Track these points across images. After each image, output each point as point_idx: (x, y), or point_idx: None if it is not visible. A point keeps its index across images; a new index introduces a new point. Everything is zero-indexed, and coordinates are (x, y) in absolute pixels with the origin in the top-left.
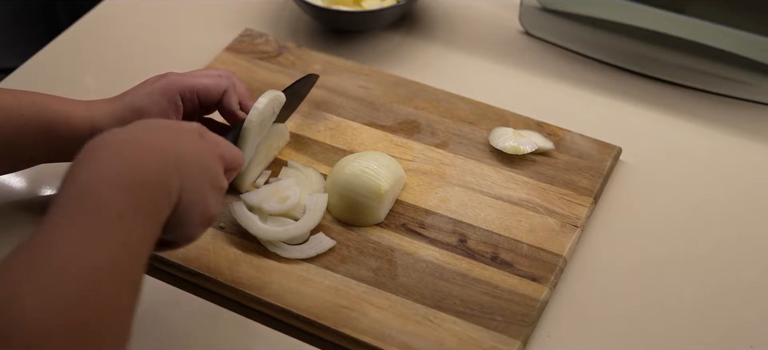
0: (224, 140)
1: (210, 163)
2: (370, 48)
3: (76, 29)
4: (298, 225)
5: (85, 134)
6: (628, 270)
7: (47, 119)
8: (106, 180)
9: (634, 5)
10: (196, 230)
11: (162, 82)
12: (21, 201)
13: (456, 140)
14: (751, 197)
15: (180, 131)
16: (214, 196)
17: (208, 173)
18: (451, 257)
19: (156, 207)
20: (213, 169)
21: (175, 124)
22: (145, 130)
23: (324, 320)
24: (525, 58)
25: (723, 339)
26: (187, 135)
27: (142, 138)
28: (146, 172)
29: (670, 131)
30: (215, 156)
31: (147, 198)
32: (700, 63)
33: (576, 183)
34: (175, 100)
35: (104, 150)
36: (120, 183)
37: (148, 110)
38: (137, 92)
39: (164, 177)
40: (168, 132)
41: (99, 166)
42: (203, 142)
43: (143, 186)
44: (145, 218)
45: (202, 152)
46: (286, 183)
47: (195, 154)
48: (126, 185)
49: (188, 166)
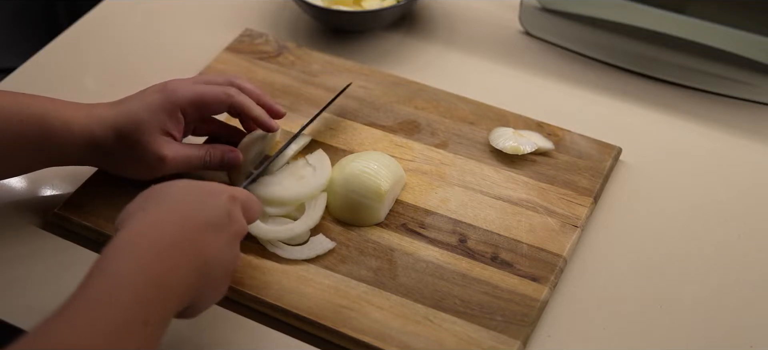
0: (250, 198)
1: (230, 255)
2: (370, 48)
3: (76, 29)
4: (298, 223)
5: (84, 143)
6: (628, 270)
7: (47, 127)
8: (137, 285)
9: (634, 5)
10: (202, 311)
11: (162, 96)
12: (20, 203)
13: (456, 140)
14: (751, 197)
15: (211, 217)
16: (227, 282)
17: (227, 267)
18: (451, 257)
19: (173, 310)
20: (231, 260)
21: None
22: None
23: (324, 320)
24: (525, 58)
25: (723, 339)
26: (218, 220)
27: (177, 235)
28: (174, 281)
29: (670, 131)
30: (237, 239)
31: (170, 305)
32: (700, 63)
33: (576, 183)
34: (176, 115)
35: (143, 243)
36: (148, 291)
37: (147, 122)
38: (138, 103)
39: (188, 285)
40: (200, 219)
41: (129, 269)
42: (230, 227)
43: (169, 295)
44: (164, 322)
45: (227, 245)
46: (300, 164)
47: (219, 252)
48: (155, 294)
49: (211, 269)
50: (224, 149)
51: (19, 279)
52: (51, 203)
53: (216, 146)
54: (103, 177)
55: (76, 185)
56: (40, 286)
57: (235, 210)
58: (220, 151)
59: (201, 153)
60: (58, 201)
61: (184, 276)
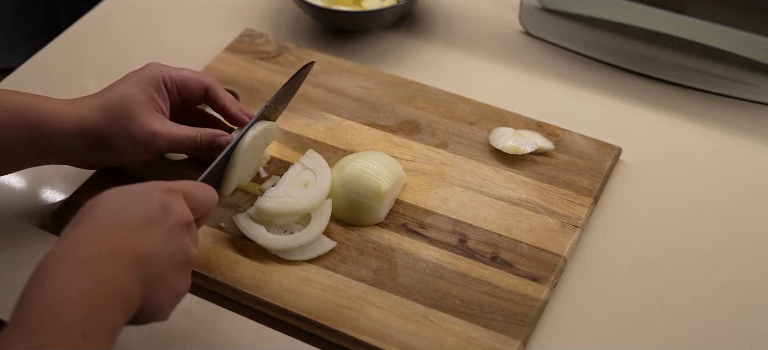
0: (195, 186)
1: (175, 246)
2: (370, 48)
3: (76, 29)
4: (305, 233)
5: (73, 129)
6: (628, 270)
7: (33, 117)
8: (72, 300)
9: (634, 5)
10: (168, 312)
11: (146, 70)
12: (20, 203)
13: (456, 140)
14: (751, 197)
15: (144, 215)
16: (182, 276)
17: (174, 259)
18: (451, 257)
19: (118, 318)
20: (179, 251)
21: (138, 202)
22: (108, 230)
23: (324, 320)
24: (525, 58)
25: (723, 339)
26: (152, 215)
27: (103, 245)
28: (112, 288)
29: (670, 131)
30: (182, 229)
31: (111, 314)
32: (700, 63)
33: (576, 183)
34: (161, 88)
35: (64, 264)
36: (84, 303)
37: (137, 97)
38: (123, 83)
39: (127, 288)
40: (131, 221)
41: (60, 285)
42: (167, 219)
43: (108, 304)
44: (108, 331)
45: (166, 237)
46: (297, 169)
47: (158, 246)
48: (90, 305)
49: (152, 265)
50: (216, 132)
51: (18, 279)
52: (51, 203)
53: (207, 129)
54: (103, 178)
55: (76, 185)
56: None
57: (172, 201)
58: (211, 134)
59: (192, 133)
60: (58, 201)
61: (121, 279)
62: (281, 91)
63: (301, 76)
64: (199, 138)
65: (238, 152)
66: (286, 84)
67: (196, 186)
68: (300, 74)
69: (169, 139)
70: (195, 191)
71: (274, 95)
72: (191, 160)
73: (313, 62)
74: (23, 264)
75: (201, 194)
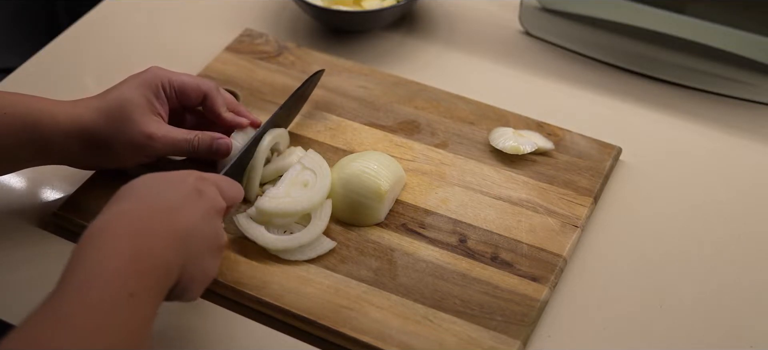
0: (224, 179)
1: (210, 229)
2: (370, 48)
3: (76, 29)
4: (305, 233)
5: (71, 131)
6: (628, 270)
7: (32, 118)
8: (117, 261)
9: (634, 5)
10: (196, 293)
11: (146, 74)
12: (20, 203)
13: (456, 140)
14: (751, 197)
15: (179, 199)
16: (214, 259)
17: (208, 241)
18: (451, 257)
19: (161, 285)
20: (213, 234)
21: (173, 187)
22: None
23: (324, 320)
24: (525, 58)
25: (723, 339)
26: (187, 199)
27: (146, 223)
28: (152, 257)
29: (670, 131)
30: (215, 214)
31: (154, 279)
32: (700, 63)
33: (576, 183)
34: (160, 93)
35: (110, 231)
36: (130, 264)
37: (135, 100)
38: (122, 86)
39: (168, 259)
40: (167, 203)
41: (108, 250)
42: (202, 202)
43: (150, 270)
44: (152, 296)
45: (202, 218)
46: (297, 169)
47: (195, 224)
48: (135, 268)
49: (189, 241)
50: (214, 135)
51: (19, 279)
52: (51, 203)
53: (205, 132)
54: (103, 178)
55: (76, 185)
56: (40, 286)
57: (205, 187)
58: (210, 137)
59: (189, 137)
60: (58, 201)
61: (162, 247)
62: (291, 100)
63: (312, 82)
64: (197, 141)
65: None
66: (296, 91)
67: (224, 179)
68: (311, 81)
69: (167, 142)
70: (224, 183)
71: (283, 103)
72: (191, 161)
73: (323, 70)
74: (23, 264)
75: (229, 186)
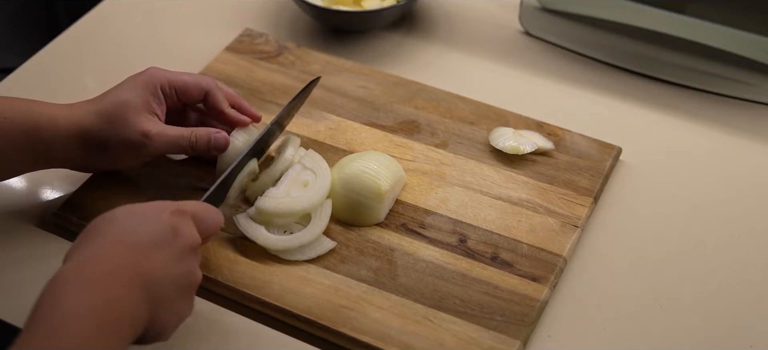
0: (204, 208)
1: (183, 269)
2: (370, 48)
3: (76, 29)
4: (305, 233)
5: (71, 134)
6: (628, 270)
7: (32, 122)
8: (83, 316)
9: (634, 5)
10: (171, 333)
11: (144, 75)
12: (20, 203)
13: (456, 140)
14: (751, 197)
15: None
16: (187, 299)
17: (181, 282)
18: (451, 257)
19: (125, 339)
20: (186, 275)
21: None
22: (120, 250)
23: (324, 320)
24: (525, 58)
25: (723, 339)
26: (162, 238)
27: (114, 267)
28: (122, 309)
29: (670, 131)
30: (189, 253)
31: (119, 334)
32: (700, 63)
33: (576, 183)
34: (157, 93)
35: (83, 276)
36: (96, 320)
37: (131, 101)
38: (120, 87)
39: (135, 311)
40: (141, 242)
41: (75, 300)
42: (176, 242)
43: (118, 324)
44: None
45: (175, 260)
46: (297, 169)
47: (167, 268)
48: (100, 323)
49: (159, 286)
50: (211, 131)
51: (19, 279)
52: (51, 203)
53: (202, 128)
54: (103, 177)
55: (76, 185)
56: (40, 286)
57: (181, 224)
58: (207, 133)
59: (186, 133)
60: (58, 201)
61: (128, 302)
62: (287, 108)
63: (306, 92)
64: (194, 138)
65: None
66: (289, 103)
67: (204, 208)
68: (306, 91)
69: (163, 140)
70: (203, 213)
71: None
72: (191, 159)
73: (319, 77)
74: (23, 264)
75: (209, 216)
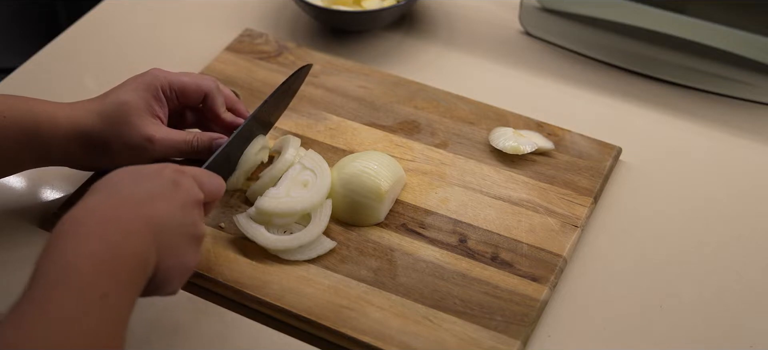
0: (203, 172)
1: (187, 219)
2: (370, 48)
3: (76, 29)
4: (305, 233)
5: (71, 133)
6: (628, 270)
7: (31, 121)
8: (88, 262)
9: (634, 5)
10: (176, 285)
11: (145, 77)
12: (20, 203)
13: (456, 140)
14: (751, 197)
15: (155, 189)
16: (192, 250)
17: (185, 230)
18: (451, 257)
19: (135, 281)
20: (190, 224)
21: (149, 179)
22: (119, 199)
23: (324, 320)
24: (525, 58)
25: (723, 339)
26: (163, 190)
27: (119, 212)
28: (126, 251)
29: (670, 131)
30: (192, 205)
31: (127, 274)
32: (700, 63)
33: (576, 183)
34: (159, 96)
35: (83, 227)
36: (101, 264)
37: (134, 103)
38: (121, 88)
39: (143, 252)
40: (142, 194)
41: (80, 247)
42: (179, 193)
43: (123, 265)
44: (126, 293)
45: (178, 209)
46: (297, 169)
47: (171, 215)
48: (107, 267)
49: (165, 231)
50: (212, 135)
51: (19, 279)
52: (51, 203)
53: (204, 132)
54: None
55: (76, 185)
56: None
57: (182, 179)
58: (208, 137)
59: (189, 137)
60: (58, 201)
61: (135, 242)
62: (277, 93)
63: (298, 77)
64: (196, 142)
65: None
66: (281, 85)
67: (204, 172)
68: (297, 76)
69: (166, 144)
70: (204, 176)
71: (269, 96)
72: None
73: (311, 64)
74: (23, 264)
75: (209, 179)
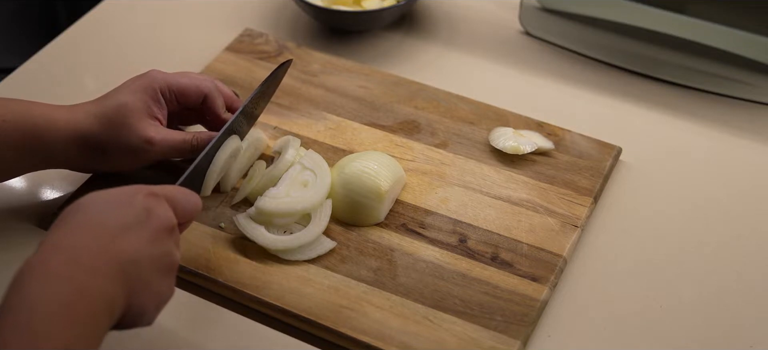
0: (179, 191)
1: (159, 250)
2: (370, 48)
3: (76, 29)
4: (305, 233)
5: (70, 136)
6: (628, 270)
7: (31, 124)
8: (51, 311)
9: (634, 5)
10: (152, 317)
11: (144, 79)
12: (20, 203)
13: (456, 140)
14: (751, 197)
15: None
16: (166, 280)
17: (158, 263)
18: (451, 257)
19: (100, 325)
20: (162, 255)
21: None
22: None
23: (324, 320)
24: (525, 58)
25: (723, 339)
26: (134, 220)
27: (86, 249)
28: (91, 297)
29: (670, 131)
30: (165, 234)
31: (92, 323)
32: (700, 63)
33: (576, 183)
34: (158, 97)
35: (44, 272)
36: (65, 313)
37: (133, 105)
38: (121, 90)
39: (109, 291)
40: (112, 225)
41: (41, 294)
42: (151, 221)
43: (88, 309)
44: (91, 340)
45: (150, 242)
46: (297, 169)
47: (141, 250)
48: (71, 315)
49: (134, 268)
50: (212, 134)
51: None
52: (51, 203)
53: (203, 131)
54: (103, 178)
55: (76, 185)
56: None
57: (155, 205)
58: (208, 136)
59: (188, 138)
60: (58, 201)
61: (101, 285)
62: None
63: (278, 75)
64: (196, 142)
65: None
66: (262, 84)
67: (179, 191)
68: (276, 73)
69: (166, 146)
70: (179, 196)
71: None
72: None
73: (291, 60)
74: None
75: (184, 199)
